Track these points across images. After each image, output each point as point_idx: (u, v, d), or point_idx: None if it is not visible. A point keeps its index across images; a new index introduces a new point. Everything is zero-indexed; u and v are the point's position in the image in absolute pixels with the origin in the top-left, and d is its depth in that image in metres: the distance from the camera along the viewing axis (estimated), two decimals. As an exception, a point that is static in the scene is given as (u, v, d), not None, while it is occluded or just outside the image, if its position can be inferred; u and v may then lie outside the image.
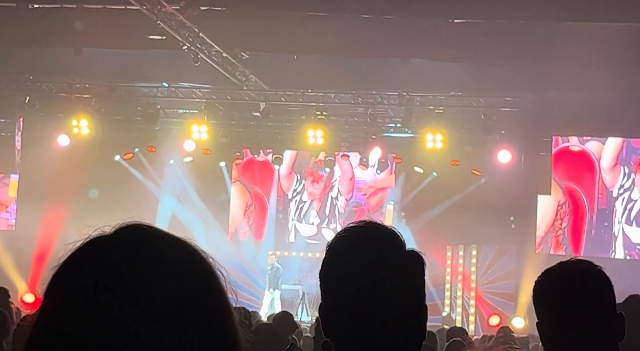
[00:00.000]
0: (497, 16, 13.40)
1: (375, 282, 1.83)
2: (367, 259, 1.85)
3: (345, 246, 1.89)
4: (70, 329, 1.06)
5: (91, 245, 1.14)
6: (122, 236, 1.14)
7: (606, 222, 17.67)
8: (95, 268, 1.10)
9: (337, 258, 1.88)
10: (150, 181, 19.56)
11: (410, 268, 1.88)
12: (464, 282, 18.33)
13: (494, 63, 15.01)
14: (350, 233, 1.91)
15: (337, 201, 19.64)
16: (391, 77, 15.99)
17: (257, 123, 18.28)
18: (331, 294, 1.88)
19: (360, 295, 1.83)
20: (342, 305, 1.85)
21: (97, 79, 17.22)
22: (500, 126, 16.97)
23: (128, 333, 1.05)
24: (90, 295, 1.07)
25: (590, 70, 14.39)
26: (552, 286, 2.42)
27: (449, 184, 17.95)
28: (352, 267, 1.85)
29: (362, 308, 1.83)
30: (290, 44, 14.70)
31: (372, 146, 18.01)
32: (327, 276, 1.89)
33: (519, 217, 17.45)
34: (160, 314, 1.07)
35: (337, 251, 1.89)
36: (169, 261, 1.12)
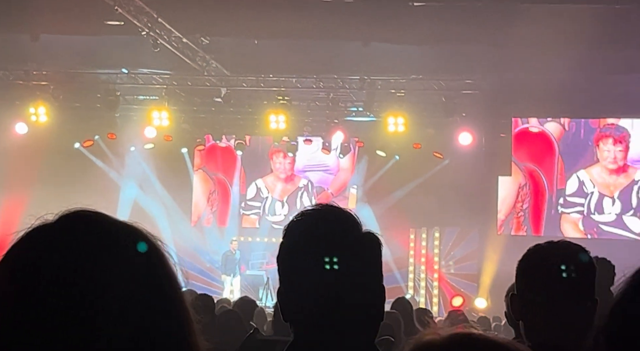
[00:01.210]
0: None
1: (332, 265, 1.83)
2: (324, 242, 1.85)
3: (302, 230, 1.89)
4: (12, 317, 1.04)
5: (34, 233, 1.12)
6: (64, 223, 1.12)
7: (566, 202, 17.93)
8: (37, 256, 1.08)
9: (294, 241, 1.88)
10: (111, 168, 19.38)
11: (368, 249, 1.89)
12: (427, 264, 18.49)
13: (455, 46, 15.08)
14: (307, 216, 1.91)
15: (300, 186, 19.65)
16: (352, 61, 15.98)
17: (218, 109, 18.18)
18: (289, 278, 1.88)
19: (317, 277, 1.83)
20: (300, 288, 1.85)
21: (54, 66, 16.95)
22: (461, 108, 17.09)
23: (71, 319, 1.04)
24: (33, 283, 1.06)
25: (550, 51, 14.53)
26: (537, 263, 2.44)
27: (411, 167, 18.06)
28: (309, 250, 1.85)
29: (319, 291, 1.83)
30: (251, 29, 14.61)
31: (335, 131, 18.02)
32: (284, 260, 1.89)
33: (480, 199, 17.63)
34: (106, 299, 1.06)
35: (294, 235, 1.89)
36: (113, 246, 1.11)
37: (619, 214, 17.44)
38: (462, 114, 17.26)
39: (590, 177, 17.70)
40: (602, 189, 17.63)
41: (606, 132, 17.66)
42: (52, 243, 1.09)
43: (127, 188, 19.27)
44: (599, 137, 17.68)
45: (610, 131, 17.64)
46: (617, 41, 13.96)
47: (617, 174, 17.53)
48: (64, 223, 1.13)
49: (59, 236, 1.10)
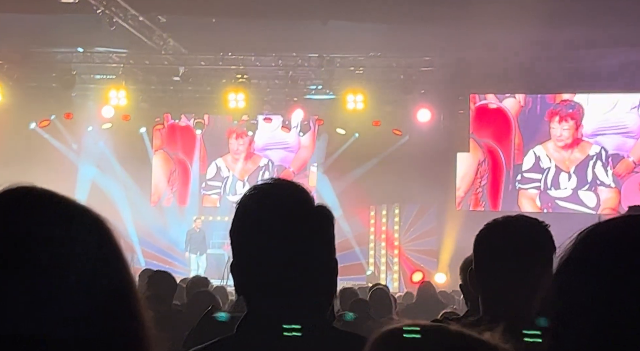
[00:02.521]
0: (414, -24, 13.47)
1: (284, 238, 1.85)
2: (275, 216, 1.86)
3: (254, 203, 1.90)
4: None
5: None
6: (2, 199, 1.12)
7: (523, 178, 18.17)
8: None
9: (246, 215, 1.90)
10: (68, 149, 19.14)
11: (319, 223, 1.91)
12: (388, 241, 18.64)
13: (413, 23, 15.12)
14: (259, 190, 1.92)
15: (261, 165, 19.62)
16: (311, 39, 15.95)
17: (177, 88, 18.03)
18: (241, 252, 1.89)
19: (269, 251, 1.85)
20: (252, 262, 1.87)
21: (8, 45, 16.62)
22: (419, 85, 17.18)
23: (11, 294, 1.04)
24: None
25: (507, 28, 14.63)
26: (493, 236, 2.49)
27: (371, 144, 18.13)
28: (261, 224, 1.86)
29: (271, 265, 1.85)
30: (209, 7, 14.48)
31: (294, 109, 18.00)
32: (236, 234, 1.90)
33: (439, 175, 17.78)
34: (48, 272, 1.06)
35: (246, 209, 1.90)
36: (51, 219, 1.12)
37: (574, 189, 17.73)
38: (421, 91, 17.35)
39: (547, 152, 17.95)
40: (559, 164, 17.89)
41: (556, 109, 17.89)
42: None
43: (85, 168, 19.06)
44: (551, 114, 17.92)
45: (560, 108, 17.87)
46: (573, 17, 14.12)
47: (571, 149, 17.80)
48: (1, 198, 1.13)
49: None
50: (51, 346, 1.05)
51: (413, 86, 16.99)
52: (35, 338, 1.04)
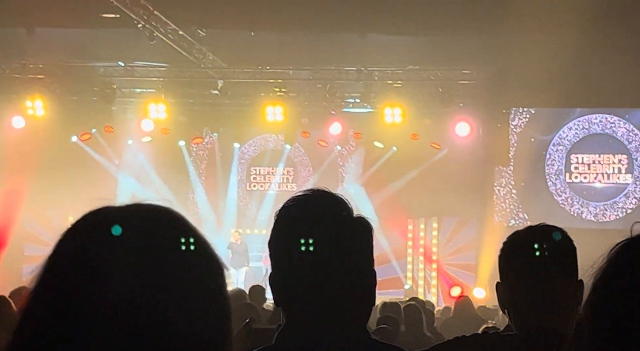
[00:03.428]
0: (453, -11, 13.43)
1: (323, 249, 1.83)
2: (315, 227, 1.85)
3: (293, 215, 1.89)
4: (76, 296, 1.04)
5: (97, 216, 1.11)
6: (131, 210, 1.10)
7: (564, 192, 17.95)
8: (100, 240, 1.08)
9: (285, 226, 1.88)
10: (108, 161, 19.36)
11: (358, 233, 1.89)
12: (426, 255, 18.52)
13: (451, 36, 15.06)
14: (298, 201, 1.91)
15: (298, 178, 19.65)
16: (349, 52, 15.97)
17: (215, 101, 18.16)
18: (280, 263, 1.88)
19: (308, 262, 1.83)
20: (291, 273, 1.86)
21: (51, 59, 16.91)
22: (458, 98, 17.08)
23: (125, 304, 1.04)
24: (95, 259, 1.05)
25: (546, 41, 14.51)
26: (518, 248, 2.44)
27: (409, 158, 18.05)
28: (300, 235, 1.85)
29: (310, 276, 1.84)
30: (248, 21, 14.59)
31: (332, 122, 18.01)
32: (275, 245, 1.89)
33: (478, 188, 17.63)
34: (168, 290, 1.06)
35: (285, 220, 1.89)
36: (177, 240, 1.12)
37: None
38: (460, 104, 17.25)
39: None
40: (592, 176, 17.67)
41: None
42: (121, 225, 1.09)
43: (125, 181, 19.25)
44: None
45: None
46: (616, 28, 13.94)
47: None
48: (133, 209, 1.11)
49: (123, 219, 1.09)
50: None
51: (452, 99, 16.90)
52: None
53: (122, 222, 1.08)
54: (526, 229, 2.48)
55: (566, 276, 2.36)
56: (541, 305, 2.33)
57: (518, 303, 2.40)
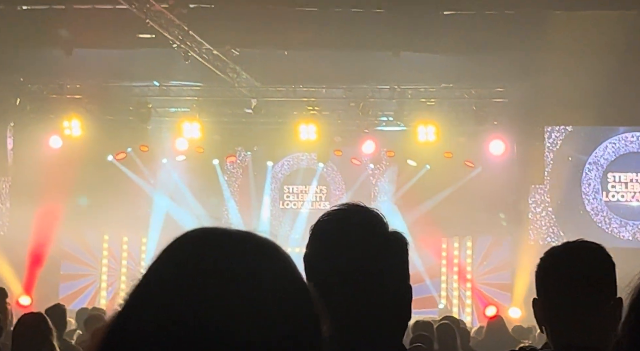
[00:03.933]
0: (486, 7, 13.41)
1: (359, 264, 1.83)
2: (350, 241, 1.85)
3: (329, 229, 1.89)
4: None
5: (202, 234, 1.13)
6: (237, 234, 1.13)
7: (600, 210, 17.74)
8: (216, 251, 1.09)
9: (321, 240, 1.89)
10: (143, 180, 19.53)
11: (394, 248, 1.89)
12: (460, 274, 18.37)
13: (485, 54, 15.02)
14: (333, 215, 1.91)
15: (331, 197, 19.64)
16: (382, 71, 15.99)
17: (249, 120, 18.26)
18: (315, 277, 1.88)
19: (344, 277, 1.83)
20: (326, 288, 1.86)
21: (87, 79, 17.17)
22: (492, 116, 16.99)
23: None
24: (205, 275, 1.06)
25: (581, 58, 14.41)
26: (556, 265, 2.41)
27: (443, 176, 17.96)
28: (336, 249, 1.85)
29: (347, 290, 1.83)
30: (281, 40, 14.69)
31: (365, 140, 18.01)
32: (310, 260, 1.89)
33: (513, 207, 17.49)
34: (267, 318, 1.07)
35: (320, 234, 1.89)
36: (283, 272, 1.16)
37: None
38: (494, 122, 17.16)
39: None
40: (637, 196, 17.43)
41: None
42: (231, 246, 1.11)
43: (160, 199, 19.40)
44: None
45: None
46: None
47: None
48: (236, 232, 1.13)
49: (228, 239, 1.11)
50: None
51: (486, 117, 16.82)
52: None
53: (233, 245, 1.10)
54: (564, 246, 2.46)
55: (604, 294, 2.33)
56: (579, 322, 2.30)
57: (555, 320, 2.37)
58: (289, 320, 1.08)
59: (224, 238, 1.12)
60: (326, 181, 19.77)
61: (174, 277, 1.07)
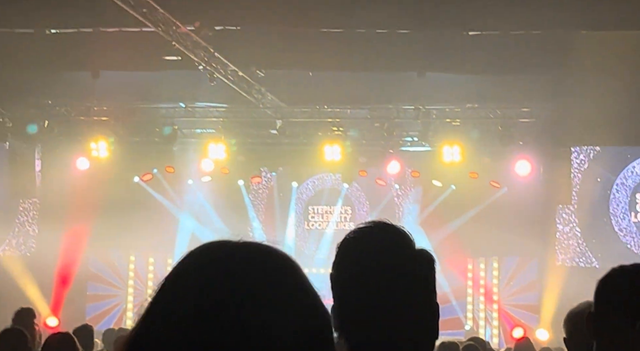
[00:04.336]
0: (511, 27, 13.39)
1: (386, 281, 1.82)
2: (377, 259, 1.85)
3: (356, 246, 1.89)
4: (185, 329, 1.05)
5: (214, 246, 1.11)
6: (251, 248, 1.11)
7: (628, 231, 17.53)
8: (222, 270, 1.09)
9: (348, 258, 1.88)
10: (169, 201, 19.63)
11: (421, 266, 1.88)
12: (486, 295, 18.22)
13: (510, 74, 14.98)
14: (360, 233, 1.91)
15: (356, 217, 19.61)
16: (407, 91, 15.99)
17: (274, 141, 18.32)
18: (342, 295, 1.88)
19: (370, 294, 1.82)
20: (353, 305, 1.85)
21: (114, 101, 17.34)
22: (518, 137, 16.91)
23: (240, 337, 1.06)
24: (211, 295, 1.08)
25: (608, 78, 14.32)
26: (623, 285, 2.40)
27: (468, 196, 17.88)
28: (362, 267, 1.85)
29: (373, 308, 1.82)
30: (306, 61, 14.75)
31: (390, 161, 17.98)
32: (337, 278, 1.89)
33: (539, 228, 17.34)
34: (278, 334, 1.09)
35: (347, 252, 1.89)
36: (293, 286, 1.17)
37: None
38: (519, 142, 17.07)
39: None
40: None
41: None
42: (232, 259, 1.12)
43: (185, 220, 19.47)
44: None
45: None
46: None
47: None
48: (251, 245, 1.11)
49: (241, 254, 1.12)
50: None
51: (511, 138, 16.74)
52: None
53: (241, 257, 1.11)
54: (633, 267, 2.47)
55: None
56: (637, 344, 2.30)
57: (610, 337, 2.38)
58: (305, 334, 1.08)
59: (234, 252, 1.12)
60: (351, 201, 19.74)
61: (189, 293, 1.07)
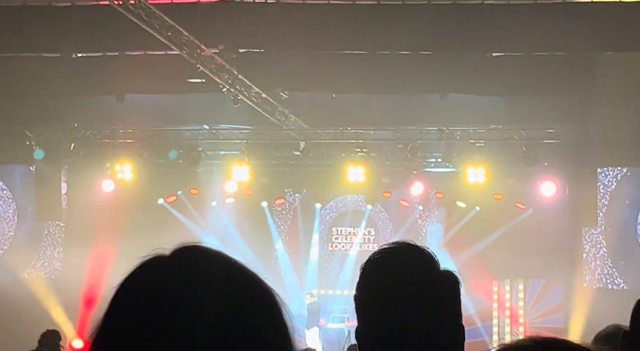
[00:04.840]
0: (535, 49, 13.36)
1: (411, 302, 1.81)
2: (401, 279, 1.84)
3: (380, 267, 1.88)
4: None
5: (149, 265, 1.13)
6: (180, 257, 1.13)
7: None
8: (152, 289, 1.09)
9: (372, 279, 1.87)
10: (193, 222, 19.68)
11: (445, 288, 1.87)
12: (512, 317, 18.04)
13: (534, 95, 14.92)
14: (384, 254, 1.90)
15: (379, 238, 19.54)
16: (430, 112, 15.98)
17: (297, 162, 18.34)
18: (367, 316, 1.86)
19: (395, 316, 1.81)
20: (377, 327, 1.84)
21: (139, 123, 17.47)
22: (542, 158, 16.81)
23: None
24: (146, 316, 1.06)
25: (633, 99, 14.22)
26: None
27: (493, 218, 17.77)
28: (386, 288, 1.84)
29: (397, 330, 1.81)
30: (329, 83, 14.80)
31: (414, 182, 17.94)
32: (362, 299, 1.88)
33: (565, 250, 17.17)
34: (218, 339, 1.05)
35: (372, 273, 1.88)
36: (228, 285, 1.10)
37: None
38: (545, 163, 16.96)
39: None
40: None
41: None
42: (167, 277, 1.10)
43: (209, 242, 19.05)
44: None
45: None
46: None
47: None
48: (179, 257, 1.14)
49: (174, 270, 1.11)
50: None
51: (536, 159, 16.64)
52: None
53: None
54: None
55: None
56: None
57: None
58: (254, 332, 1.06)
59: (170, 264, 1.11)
60: (374, 222, 19.69)
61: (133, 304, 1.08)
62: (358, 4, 13.28)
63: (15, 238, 19.62)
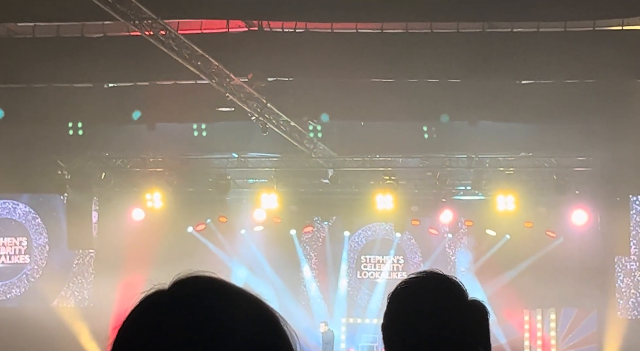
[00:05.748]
0: (565, 76, 13.30)
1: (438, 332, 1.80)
2: (429, 309, 1.83)
3: (407, 297, 1.87)
4: None
5: (147, 304, 1.12)
6: (179, 294, 1.11)
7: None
8: (151, 329, 1.08)
9: (399, 308, 1.86)
10: (222, 251, 19.72)
11: (474, 317, 1.85)
12: (544, 347, 17.78)
13: (564, 122, 14.82)
14: (412, 283, 1.89)
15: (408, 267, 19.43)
16: (459, 140, 15.92)
17: (326, 190, 18.35)
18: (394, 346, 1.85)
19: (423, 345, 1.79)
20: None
21: (169, 152, 17.61)
22: (574, 185, 16.65)
23: None
24: None
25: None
26: None
27: (523, 246, 17.60)
28: (414, 317, 1.82)
29: None
30: (357, 111, 14.82)
31: (443, 210, 17.84)
32: (389, 327, 1.86)
33: (598, 279, 16.94)
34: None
35: (399, 302, 1.87)
36: (232, 320, 1.08)
37: None
38: (576, 191, 16.80)
39: None
40: None
41: None
42: (166, 317, 1.10)
43: (238, 270, 19.52)
44: None
45: None
46: None
47: None
48: (179, 293, 1.13)
49: (173, 309, 1.10)
50: None
51: (567, 187, 16.48)
52: None
53: None
54: None
55: None
56: None
57: None
58: None
59: None
60: (403, 251, 19.59)
61: None
62: (386, 32, 13.32)
63: (47, 267, 19.78)
